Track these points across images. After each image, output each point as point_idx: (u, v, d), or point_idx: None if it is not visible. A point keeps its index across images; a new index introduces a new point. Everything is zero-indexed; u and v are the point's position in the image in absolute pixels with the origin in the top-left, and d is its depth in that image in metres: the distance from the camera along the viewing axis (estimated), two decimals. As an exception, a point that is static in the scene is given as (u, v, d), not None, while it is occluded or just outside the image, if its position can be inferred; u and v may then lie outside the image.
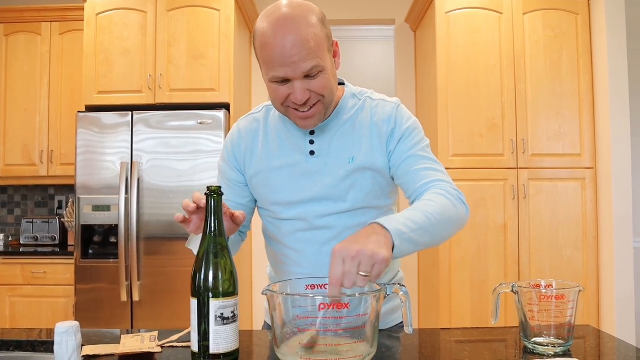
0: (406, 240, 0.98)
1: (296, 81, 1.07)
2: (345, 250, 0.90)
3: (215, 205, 0.97)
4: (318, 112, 1.13)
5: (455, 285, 2.95)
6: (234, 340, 0.94)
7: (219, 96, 3.08)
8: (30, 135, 3.55)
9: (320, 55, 1.07)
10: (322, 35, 1.08)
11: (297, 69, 1.05)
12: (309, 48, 1.04)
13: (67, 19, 3.54)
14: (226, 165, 1.31)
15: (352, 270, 0.89)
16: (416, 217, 1.03)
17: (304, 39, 1.04)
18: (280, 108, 1.15)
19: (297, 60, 1.04)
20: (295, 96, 1.08)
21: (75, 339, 0.86)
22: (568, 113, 3.01)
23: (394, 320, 1.31)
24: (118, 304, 2.94)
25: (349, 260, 0.89)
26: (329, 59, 1.11)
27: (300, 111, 1.12)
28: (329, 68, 1.11)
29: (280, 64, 1.05)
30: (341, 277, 0.89)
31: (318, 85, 1.09)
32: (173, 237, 2.95)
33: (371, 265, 0.89)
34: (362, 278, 0.89)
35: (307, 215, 1.21)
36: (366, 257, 0.89)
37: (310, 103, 1.11)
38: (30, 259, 3.22)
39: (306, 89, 1.08)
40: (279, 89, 1.10)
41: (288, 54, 1.04)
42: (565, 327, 1.02)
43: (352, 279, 0.89)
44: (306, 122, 1.14)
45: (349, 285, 0.89)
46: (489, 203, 2.96)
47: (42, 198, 3.92)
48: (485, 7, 3.03)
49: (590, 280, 2.96)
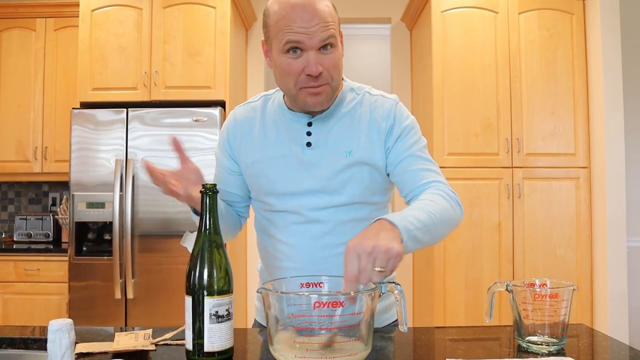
0: (412, 237, 0.99)
1: (311, 52, 1.09)
2: (360, 247, 0.90)
3: (210, 203, 0.97)
4: (326, 92, 1.15)
5: (450, 284, 2.96)
6: (229, 338, 0.93)
7: (215, 94, 3.07)
8: (24, 131, 3.53)
9: (335, 29, 1.12)
10: (336, 16, 1.14)
11: (314, 37, 1.08)
12: (327, 20, 1.09)
13: (62, 15, 3.52)
14: (222, 154, 1.31)
15: (367, 267, 0.89)
16: (420, 215, 1.04)
17: (322, 11, 1.09)
18: (292, 88, 1.14)
19: (316, 30, 1.08)
20: (310, 67, 1.10)
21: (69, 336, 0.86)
22: (563, 112, 3.02)
23: (388, 319, 1.31)
24: (112, 301, 2.93)
25: (365, 257, 0.89)
26: (339, 41, 1.15)
27: (313, 86, 1.12)
28: (339, 48, 1.15)
29: (297, 30, 1.08)
30: (357, 274, 0.89)
31: (330, 62, 1.12)
32: (167, 235, 2.94)
33: (386, 260, 0.90)
34: (377, 273, 0.89)
35: (301, 208, 1.20)
36: (381, 253, 0.90)
37: (322, 81, 1.12)
38: (24, 255, 3.20)
39: (319, 63, 1.10)
40: (292, 63, 1.11)
41: (307, 24, 1.08)
42: (559, 325, 1.02)
43: (368, 275, 0.89)
44: (316, 99, 1.14)
45: (365, 281, 0.90)
46: (483, 202, 2.97)
47: (35, 195, 3.90)
48: (481, 6, 3.03)
49: (584, 279, 2.97)
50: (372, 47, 5.26)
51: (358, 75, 4.99)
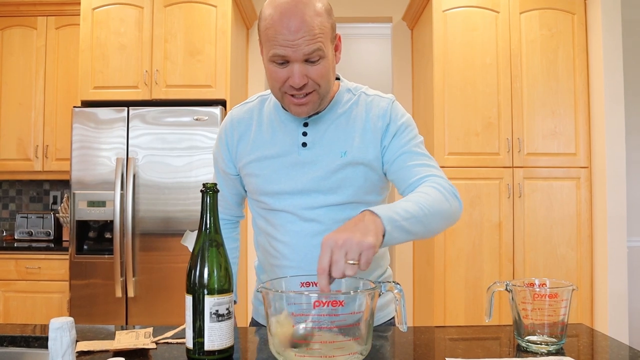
0: (398, 227, 0.99)
1: (295, 64, 1.09)
2: (332, 240, 0.91)
3: (210, 202, 0.98)
4: (312, 101, 1.14)
5: (450, 283, 2.96)
6: (229, 336, 0.94)
7: (215, 92, 3.07)
8: (25, 129, 3.53)
9: (323, 42, 1.09)
10: (327, 24, 1.10)
11: (299, 50, 1.07)
12: (313, 33, 1.07)
13: (63, 13, 3.52)
14: (219, 154, 1.32)
15: (339, 260, 0.89)
16: (408, 206, 1.04)
17: (309, 24, 1.06)
18: (277, 93, 1.16)
19: (300, 42, 1.06)
20: (293, 79, 1.09)
21: (70, 334, 0.86)
22: (563, 112, 3.02)
23: (383, 317, 1.31)
24: (113, 300, 2.94)
25: (337, 250, 0.90)
26: (330, 49, 1.13)
27: (296, 97, 1.12)
28: (330, 58, 1.13)
29: (283, 43, 1.07)
30: (328, 267, 0.90)
31: (316, 73, 1.10)
32: (168, 234, 2.94)
33: (358, 252, 0.90)
34: (350, 266, 0.89)
35: (296, 207, 1.21)
36: (353, 245, 0.90)
37: (307, 90, 1.12)
38: (25, 254, 3.20)
39: (304, 74, 1.09)
40: (278, 71, 1.11)
41: (292, 36, 1.06)
42: (559, 325, 1.03)
43: (340, 268, 0.89)
44: (299, 109, 1.15)
45: (337, 274, 0.90)
46: (484, 201, 2.97)
47: (36, 193, 3.91)
48: (482, 5, 3.03)
49: (583, 279, 2.97)
50: (373, 47, 5.25)
51: (359, 74, 4.99)
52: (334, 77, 1.18)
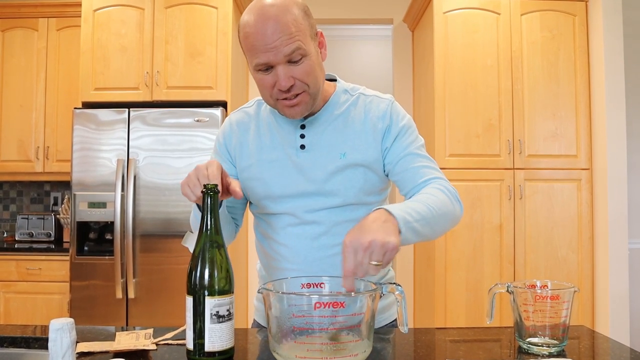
0: (410, 229, 1.00)
1: (279, 66, 1.08)
2: (356, 242, 0.92)
3: (211, 203, 0.97)
4: (304, 101, 1.14)
5: (451, 285, 2.95)
6: (229, 338, 0.94)
7: (216, 94, 3.07)
8: (26, 131, 3.53)
9: (302, 39, 1.08)
10: (304, 23, 1.10)
11: (279, 52, 1.06)
12: (289, 32, 1.06)
13: (64, 15, 3.53)
14: (218, 159, 1.31)
15: (364, 261, 0.91)
16: (419, 207, 1.05)
17: (284, 24, 1.06)
18: (269, 100, 1.16)
19: (279, 44, 1.06)
20: (280, 82, 1.09)
21: (70, 335, 0.86)
22: (564, 114, 3.02)
23: (385, 319, 1.31)
24: (113, 301, 2.93)
25: (361, 252, 0.91)
26: (312, 46, 1.12)
27: (286, 99, 1.12)
28: (313, 55, 1.12)
29: (262, 50, 1.07)
30: (354, 269, 0.91)
31: (301, 72, 1.10)
32: (169, 235, 2.94)
33: (383, 253, 0.91)
34: (374, 267, 0.91)
35: (296, 210, 1.21)
36: (378, 247, 0.91)
37: (295, 91, 1.11)
38: (25, 255, 3.20)
39: (290, 75, 1.09)
40: (264, 78, 1.11)
41: (269, 40, 1.06)
42: (560, 327, 1.02)
43: (364, 270, 0.91)
44: (292, 111, 1.14)
45: (362, 275, 0.92)
46: (485, 203, 2.97)
47: (37, 194, 3.91)
48: (483, 7, 3.03)
49: (585, 281, 2.97)
50: (374, 48, 5.25)
51: (359, 76, 4.99)
52: (322, 74, 1.17)
